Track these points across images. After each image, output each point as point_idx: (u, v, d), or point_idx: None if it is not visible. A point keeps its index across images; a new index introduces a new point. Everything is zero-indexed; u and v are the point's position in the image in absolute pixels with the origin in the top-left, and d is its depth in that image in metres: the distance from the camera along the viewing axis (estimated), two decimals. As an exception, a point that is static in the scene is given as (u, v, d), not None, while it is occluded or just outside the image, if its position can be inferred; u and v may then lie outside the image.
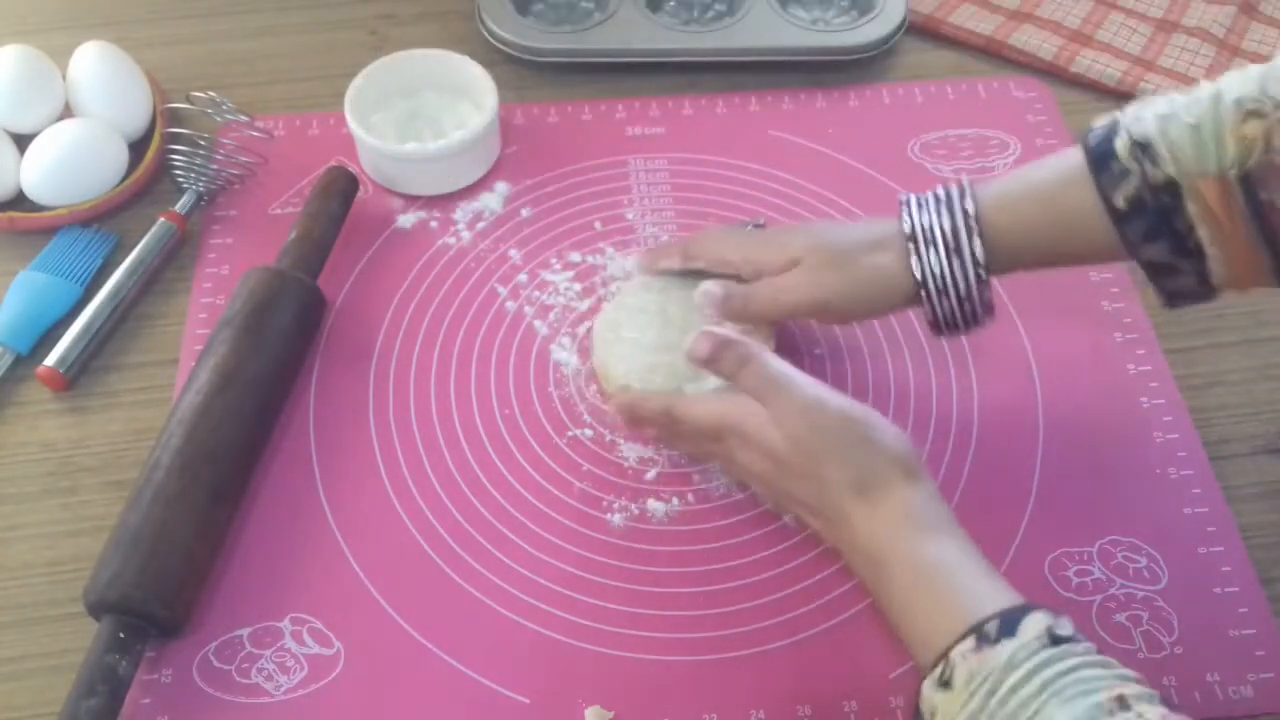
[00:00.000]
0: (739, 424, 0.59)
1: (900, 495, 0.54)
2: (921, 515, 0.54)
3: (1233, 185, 0.53)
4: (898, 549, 0.53)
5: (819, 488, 0.56)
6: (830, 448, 0.56)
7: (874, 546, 0.54)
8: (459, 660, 0.59)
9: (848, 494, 0.55)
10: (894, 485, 0.54)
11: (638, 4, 0.88)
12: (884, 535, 0.54)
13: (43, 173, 0.75)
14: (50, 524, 0.64)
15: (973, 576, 0.51)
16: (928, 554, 0.52)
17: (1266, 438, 0.68)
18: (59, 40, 0.82)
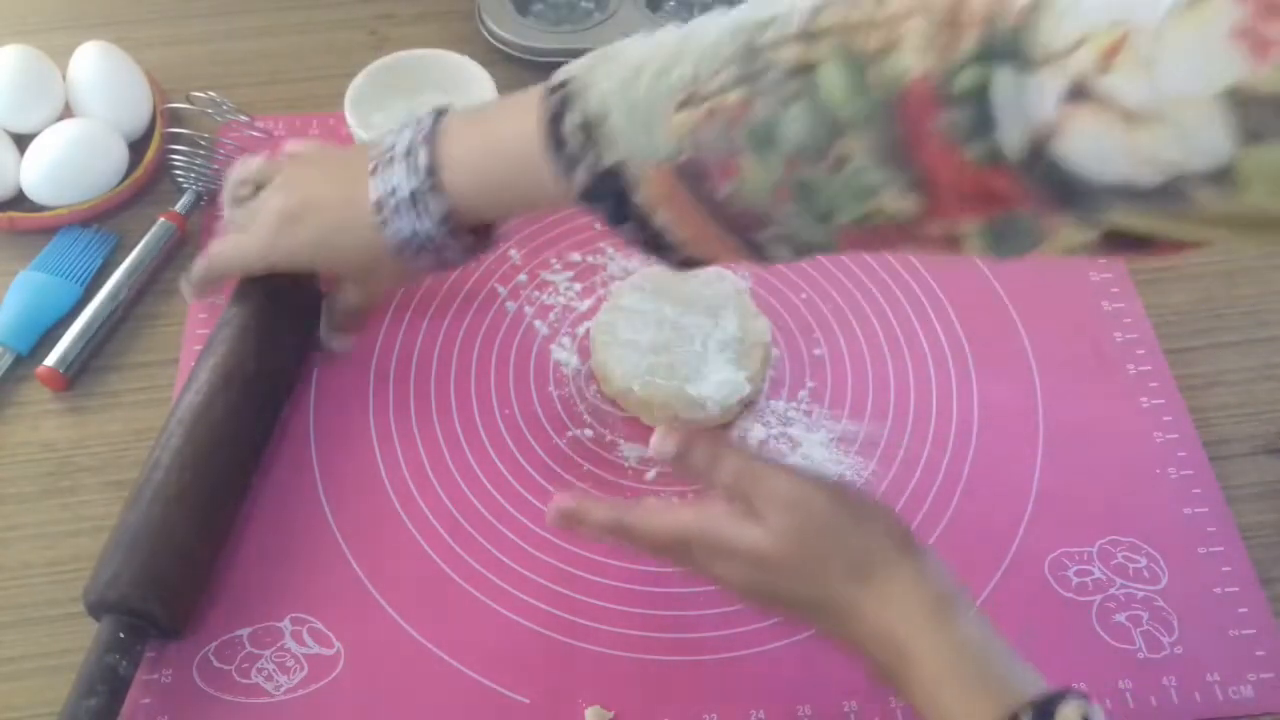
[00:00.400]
0: (708, 533, 0.51)
1: (907, 572, 0.49)
2: (936, 592, 0.49)
3: (673, 176, 0.49)
4: (919, 636, 0.48)
5: (818, 582, 0.50)
6: (825, 536, 0.50)
7: (892, 634, 0.48)
8: (459, 660, 0.59)
9: (852, 583, 0.49)
10: (898, 563, 0.49)
11: (638, 4, 0.88)
12: (900, 620, 0.48)
13: (43, 173, 0.75)
14: (50, 524, 0.64)
15: (999, 659, 0.48)
16: (952, 638, 0.48)
17: (1266, 438, 0.68)
18: (59, 40, 0.82)
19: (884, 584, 0.49)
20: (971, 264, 0.76)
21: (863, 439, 0.67)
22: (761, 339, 0.68)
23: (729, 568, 0.51)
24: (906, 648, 0.48)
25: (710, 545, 0.51)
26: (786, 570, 0.50)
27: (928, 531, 0.64)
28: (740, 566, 0.51)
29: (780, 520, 0.50)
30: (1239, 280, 0.76)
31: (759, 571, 0.50)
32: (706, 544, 0.52)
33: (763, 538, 0.50)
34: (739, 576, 0.51)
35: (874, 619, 0.49)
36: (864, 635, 0.49)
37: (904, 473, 0.66)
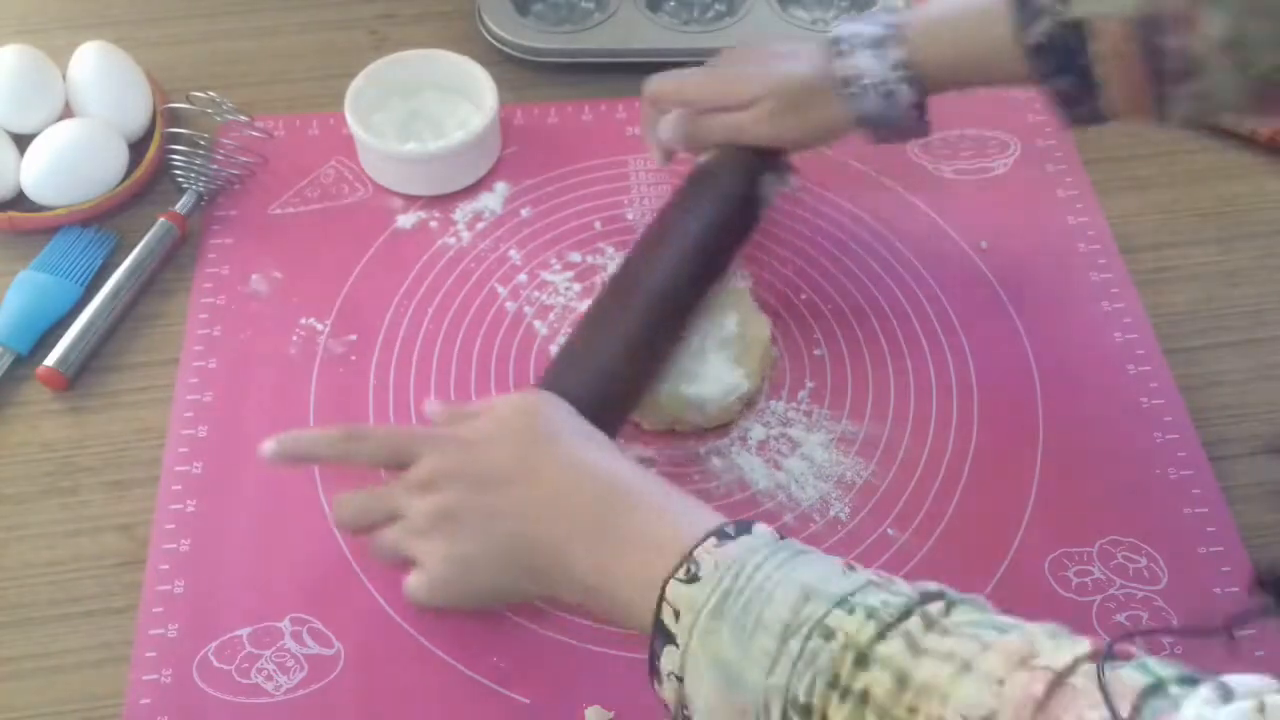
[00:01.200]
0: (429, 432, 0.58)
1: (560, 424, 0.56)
2: (589, 436, 0.55)
3: (1134, 28, 0.57)
4: (596, 475, 0.53)
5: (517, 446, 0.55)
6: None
7: (570, 480, 0.53)
8: (459, 660, 0.59)
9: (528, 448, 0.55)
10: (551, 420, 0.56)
11: (638, 4, 0.88)
12: (577, 463, 0.53)
13: (43, 173, 0.75)
14: (50, 524, 0.64)
15: (682, 497, 0.52)
16: (633, 478, 0.53)
17: (1266, 438, 0.68)
18: (59, 40, 0.82)
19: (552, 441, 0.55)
20: (972, 264, 0.76)
21: (863, 439, 0.67)
22: (761, 336, 0.68)
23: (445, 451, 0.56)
24: (580, 488, 0.53)
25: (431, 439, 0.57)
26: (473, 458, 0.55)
27: (928, 531, 0.64)
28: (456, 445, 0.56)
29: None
30: (1239, 280, 0.76)
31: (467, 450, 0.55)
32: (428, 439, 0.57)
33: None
34: (450, 459, 0.55)
35: (555, 473, 0.53)
36: (548, 500, 0.53)
37: (904, 473, 0.66)
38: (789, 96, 0.67)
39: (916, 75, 0.65)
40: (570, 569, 0.51)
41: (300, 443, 0.59)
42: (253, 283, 0.74)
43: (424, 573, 0.56)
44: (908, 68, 0.64)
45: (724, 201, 0.69)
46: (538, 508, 0.53)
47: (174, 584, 0.61)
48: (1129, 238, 0.77)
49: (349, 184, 0.79)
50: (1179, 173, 0.81)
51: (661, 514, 0.51)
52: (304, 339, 0.71)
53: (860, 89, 0.65)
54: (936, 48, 0.64)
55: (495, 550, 0.54)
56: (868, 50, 0.65)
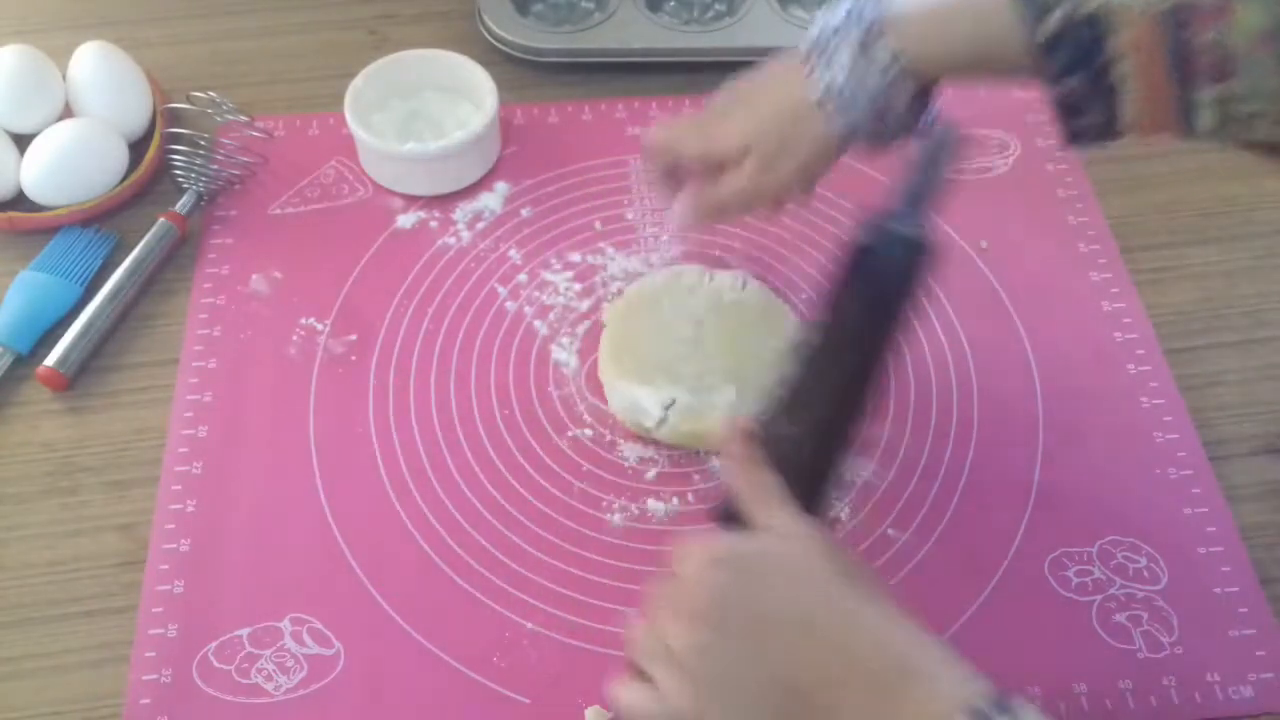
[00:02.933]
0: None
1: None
2: (859, 578, 0.48)
3: (1159, 21, 0.51)
4: (873, 631, 0.45)
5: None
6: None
7: (892, 640, 0.46)
8: (459, 660, 0.59)
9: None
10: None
11: (638, 4, 0.88)
12: (855, 616, 0.46)
13: (43, 173, 0.75)
14: (50, 524, 0.64)
15: (952, 663, 0.45)
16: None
17: (1266, 438, 0.68)
18: (59, 40, 0.82)
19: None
20: (971, 264, 0.76)
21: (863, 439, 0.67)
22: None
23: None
24: (909, 659, 0.45)
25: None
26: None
27: (928, 531, 0.64)
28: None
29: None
30: (1239, 280, 0.76)
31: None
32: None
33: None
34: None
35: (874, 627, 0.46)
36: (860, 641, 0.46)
37: (904, 473, 0.66)
38: (775, 139, 0.62)
39: (907, 68, 0.58)
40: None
41: None
42: (253, 283, 0.74)
43: (649, 696, 0.48)
44: (895, 60, 0.58)
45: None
46: (812, 660, 0.45)
47: (174, 584, 0.61)
48: (1129, 238, 0.77)
49: (349, 184, 0.79)
50: (1179, 173, 0.81)
51: (933, 685, 0.43)
52: (304, 339, 0.71)
53: (841, 98, 0.59)
54: (931, 37, 0.58)
55: (751, 697, 0.46)
56: (844, 52, 0.59)
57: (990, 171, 0.81)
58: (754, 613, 0.46)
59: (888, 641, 0.45)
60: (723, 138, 0.64)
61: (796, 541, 0.49)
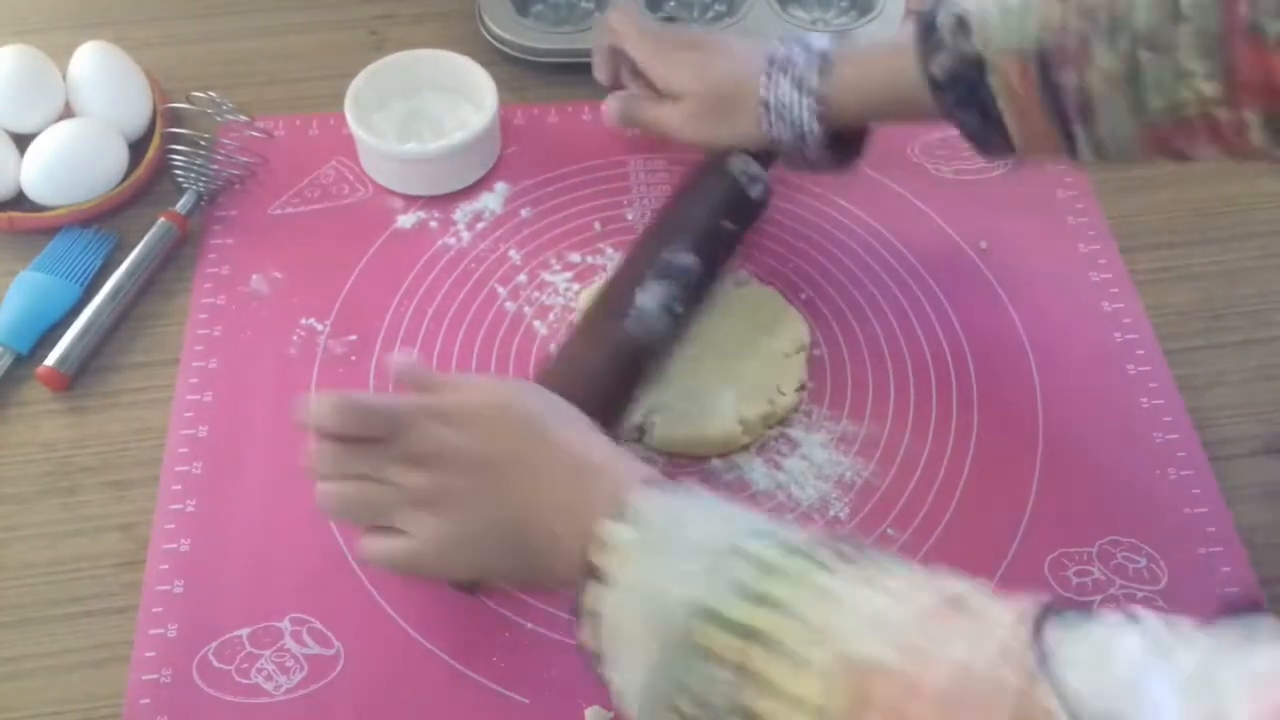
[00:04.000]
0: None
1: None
2: (572, 421, 0.55)
3: (1030, 63, 0.57)
4: (578, 458, 0.52)
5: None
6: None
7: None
8: (459, 660, 0.59)
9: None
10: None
11: (638, 4, 0.88)
12: (564, 448, 0.53)
13: (43, 173, 0.75)
14: (50, 524, 0.64)
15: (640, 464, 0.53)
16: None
17: (1266, 438, 0.68)
18: (59, 40, 0.82)
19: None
20: (972, 264, 0.76)
21: (863, 439, 0.67)
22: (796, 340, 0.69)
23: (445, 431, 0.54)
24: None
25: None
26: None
27: (928, 531, 0.64)
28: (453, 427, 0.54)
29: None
30: (1239, 280, 0.76)
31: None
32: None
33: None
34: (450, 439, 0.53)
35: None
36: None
37: (904, 473, 0.66)
38: (713, 100, 0.69)
39: (826, 112, 0.65)
40: (557, 554, 0.50)
41: (306, 412, 0.56)
42: (253, 283, 0.74)
43: (407, 542, 0.54)
44: (821, 103, 0.65)
45: (712, 202, 0.69)
46: (525, 492, 0.52)
47: (174, 584, 0.61)
48: (1129, 238, 0.77)
49: (349, 184, 0.79)
50: (1179, 173, 0.81)
51: (614, 469, 0.51)
52: (304, 339, 0.71)
53: (777, 116, 0.66)
54: (851, 81, 0.65)
55: (485, 530, 0.53)
56: (788, 77, 0.66)
57: (990, 171, 0.80)
58: (472, 455, 0.53)
59: (574, 451, 0.52)
60: (672, 73, 0.70)
61: (507, 390, 0.57)
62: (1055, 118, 0.57)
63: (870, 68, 0.65)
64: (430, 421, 0.54)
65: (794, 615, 0.41)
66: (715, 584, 0.43)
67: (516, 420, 0.54)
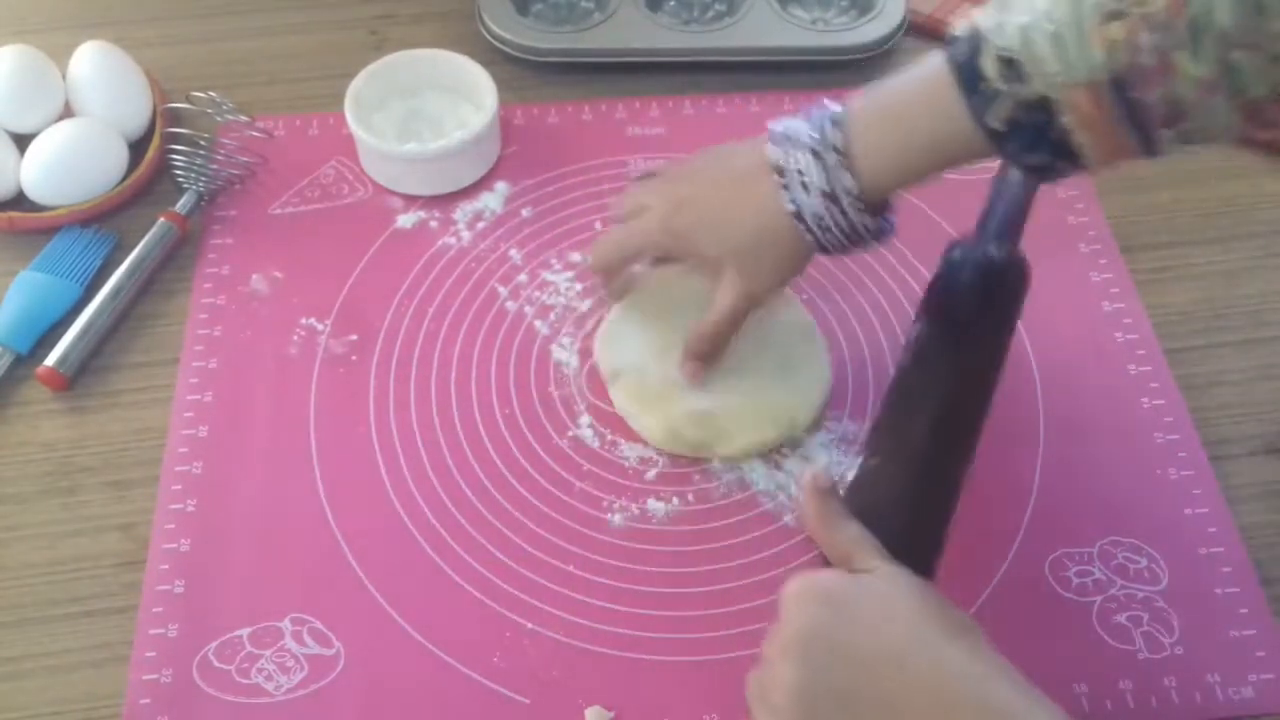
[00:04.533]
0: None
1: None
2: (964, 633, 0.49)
3: (1104, 90, 0.51)
4: (973, 691, 0.47)
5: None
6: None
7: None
8: (459, 660, 0.59)
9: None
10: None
11: (638, 4, 0.88)
12: (958, 669, 0.47)
13: (43, 173, 0.75)
14: (50, 524, 0.64)
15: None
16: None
17: (1266, 438, 0.68)
18: (59, 40, 0.82)
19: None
20: (972, 264, 0.76)
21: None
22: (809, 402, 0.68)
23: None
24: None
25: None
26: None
27: (928, 531, 0.64)
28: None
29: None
30: (1239, 280, 0.76)
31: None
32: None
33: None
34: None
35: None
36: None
37: (904, 473, 0.66)
38: (751, 257, 0.62)
39: (869, 202, 0.59)
40: None
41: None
42: (253, 283, 0.74)
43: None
44: (860, 199, 0.58)
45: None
46: (900, 697, 0.47)
47: (174, 584, 0.61)
48: (1129, 238, 0.77)
49: (349, 184, 0.79)
50: (1179, 173, 0.81)
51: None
52: (304, 339, 0.71)
53: (822, 224, 0.59)
54: (885, 162, 0.58)
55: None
56: (815, 192, 0.59)
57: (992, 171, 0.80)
58: (845, 648, 0.48)
59: (975, 680, 0.46)
60: (692, 243, 0.64)
61: (895, 582, 0.50)
62: (1136, 131, 0.52)
63: (908, 137, 0.57)
64: (806, 602, 0.50)
65: None
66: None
67: (913, 612, 0.49)
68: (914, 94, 0.57)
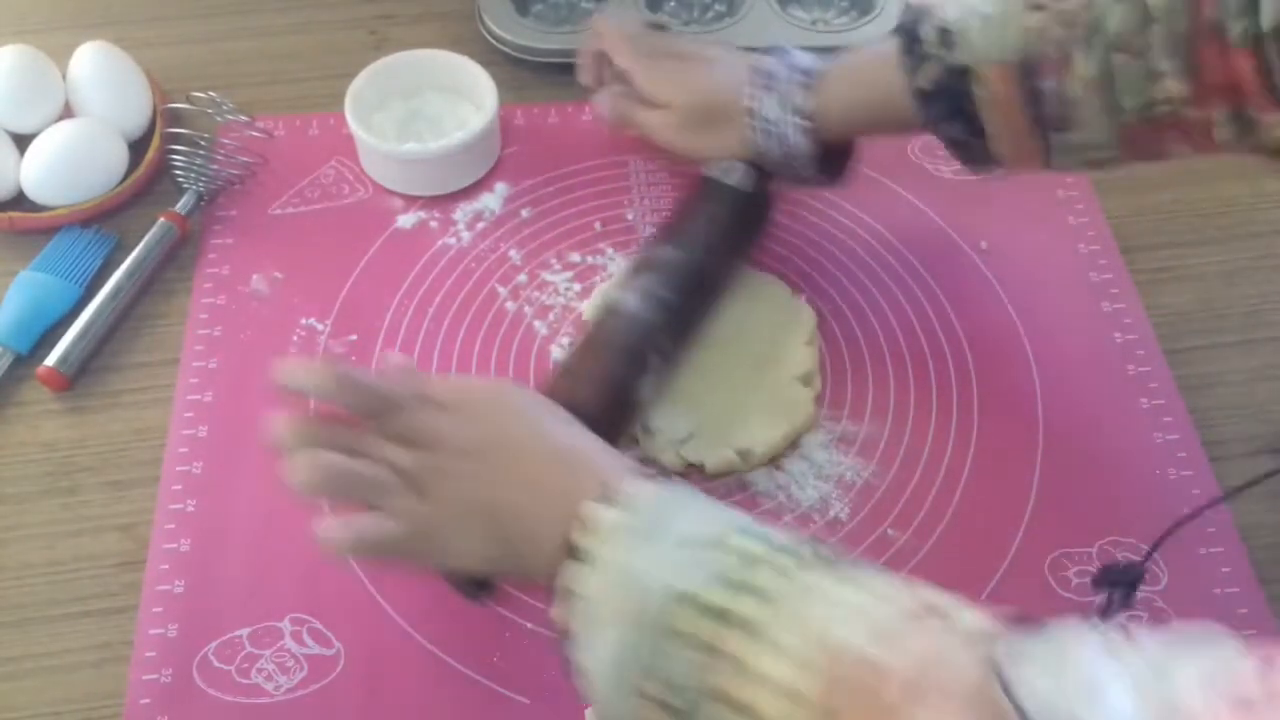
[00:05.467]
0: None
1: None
2: (565, 421, 0.55)
3: (1012, 72, 0.57)
4: (565, 451, 0.53)
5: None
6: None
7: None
8: (459, 660, 0.59)
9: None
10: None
11: (638, 4, 0.88)
12: (551, 441, 0.53)
13: (43, 173, 0.75)
14: (50, 524, 0.64)
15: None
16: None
17: (1266, 438, 0.68)
18: (59, 40, 0.82)
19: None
20: (972, 264, 0.76)
21: (863, 439, 0.67)
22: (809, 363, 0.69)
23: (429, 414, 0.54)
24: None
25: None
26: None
27: (928, 531, 0.64)
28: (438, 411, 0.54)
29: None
30: (1239, 280, 0.76)
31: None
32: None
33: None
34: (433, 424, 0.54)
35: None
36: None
37: (904, 473, 0.66)
38: (699, 111, 0.70)
39: (815, 127, 0.66)
40: (539, 541, 0.50)
41: (297, 375, 0.57)
42: (253, 283, 0.74)
43: (392, 524, 0.52)
44: (806, 118, 0.65)
45: (696, 199, 0.69)
46: (513, 478, 0.52)
47: (174, 584, 0.61)
48: (1129, 238, 0.77)
49: (349, 184, 0.79)
50: (1179, 173, 0.81)
51: (603, 466, 0.51)
52: (304, 339, 0.71)
53: (763, 131, 0.67)
54: (836, 96, 0.65)
55: (471, 513, 0.52)
56: (774, 93, 0.66)
57: (990, 172, 0.80)
58: (462, 439, 0.53)
59: (563, 443, 0.53)
60: (659, 84, 0.71)
61: (498, 387, 0.58)
62: (1035, 126, 0.58)
63: (856, 83, 0.65)
64: (423, 405, 0.54)
65: (773, 602, 0.41)
66: (697, 572, 0.43)
67: (508, 410, 0.55)
68: (873, 53, 0.65)
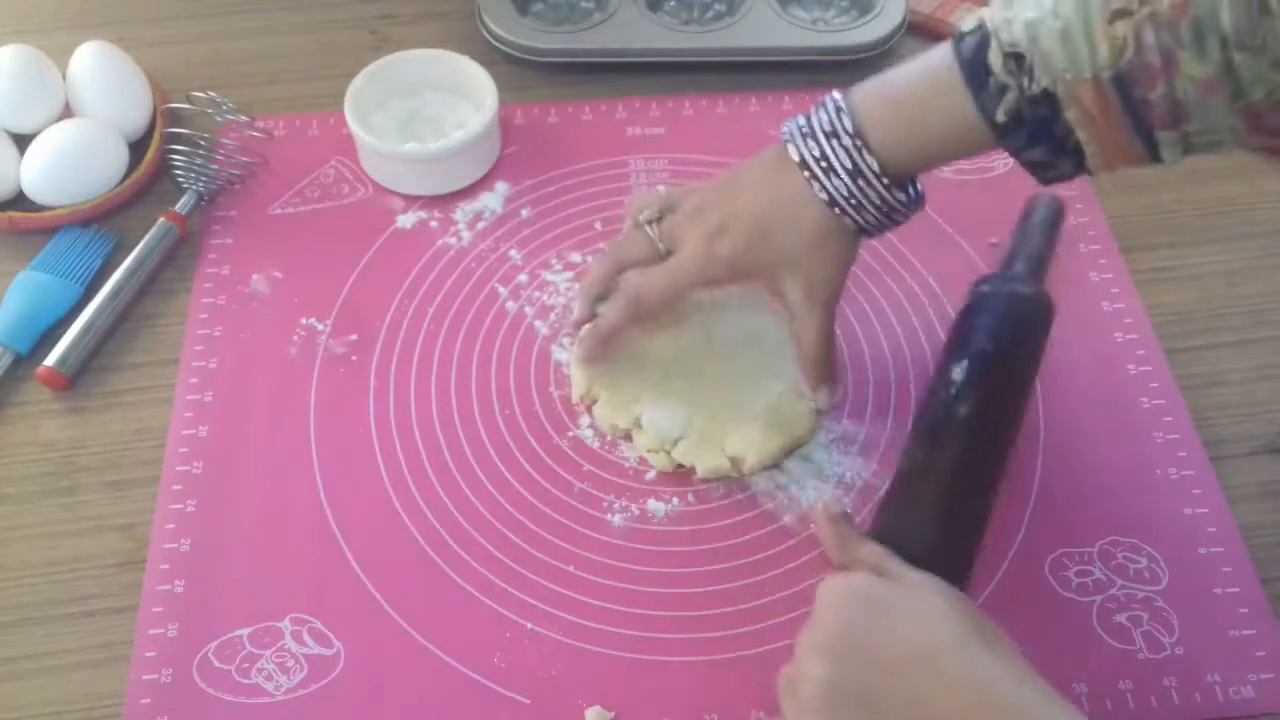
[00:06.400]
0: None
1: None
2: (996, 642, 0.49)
3: (1107, 87, 0.53)
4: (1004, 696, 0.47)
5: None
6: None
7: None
8: (459, 660, 0.59)
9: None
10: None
11: (638, 4, 0.88)
12: (989, 675, 0.48)
13: (43, 173, 0.75)
14: (50, 524, 0.64)
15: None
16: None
17: (1266, 438, 0.68)
18: (59, 40, 0.82)
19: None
20: (973, 264, 0.76)
21: (863, 439, 0.67)
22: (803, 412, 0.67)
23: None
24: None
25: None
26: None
27: (928, 531, 0.64)
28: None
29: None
30: (1239, 280, 0.76)
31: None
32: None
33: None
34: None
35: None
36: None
37: (904, 473, 0.66)
38: (801, 254, 0.62)
39: (890, 176, 0.59)
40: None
41: None
42: (253, 283, 0.74)
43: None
44: (878, 176, 0.59)
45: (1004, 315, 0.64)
46: (930, 698, 0.47)
47: (174, 584, 0.61)
48: (1129, 238, 0.77)
49: (349, 184, 0.79)
50: (1179, 173, 0.81)
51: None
52: (304, 339, 0.71)
53: (857, 204, 0.60)
54: (900, 140, 0.59)
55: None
56: (836, 176, 0.59)
57: (991, 171, 0.81)
58: (875, 647, 0.48)
59: (1007, 683, 0.47)
60: (742, 271, 0.63)
61: (927, 586, 0.51)
62: (1138, 130, 0.54)
63: (920, 129, 0.58)
64: (850, 600, 0.51)
65: None
66: None
67: (943, 619, 0.49)
68: (922, 87, 0.58)
